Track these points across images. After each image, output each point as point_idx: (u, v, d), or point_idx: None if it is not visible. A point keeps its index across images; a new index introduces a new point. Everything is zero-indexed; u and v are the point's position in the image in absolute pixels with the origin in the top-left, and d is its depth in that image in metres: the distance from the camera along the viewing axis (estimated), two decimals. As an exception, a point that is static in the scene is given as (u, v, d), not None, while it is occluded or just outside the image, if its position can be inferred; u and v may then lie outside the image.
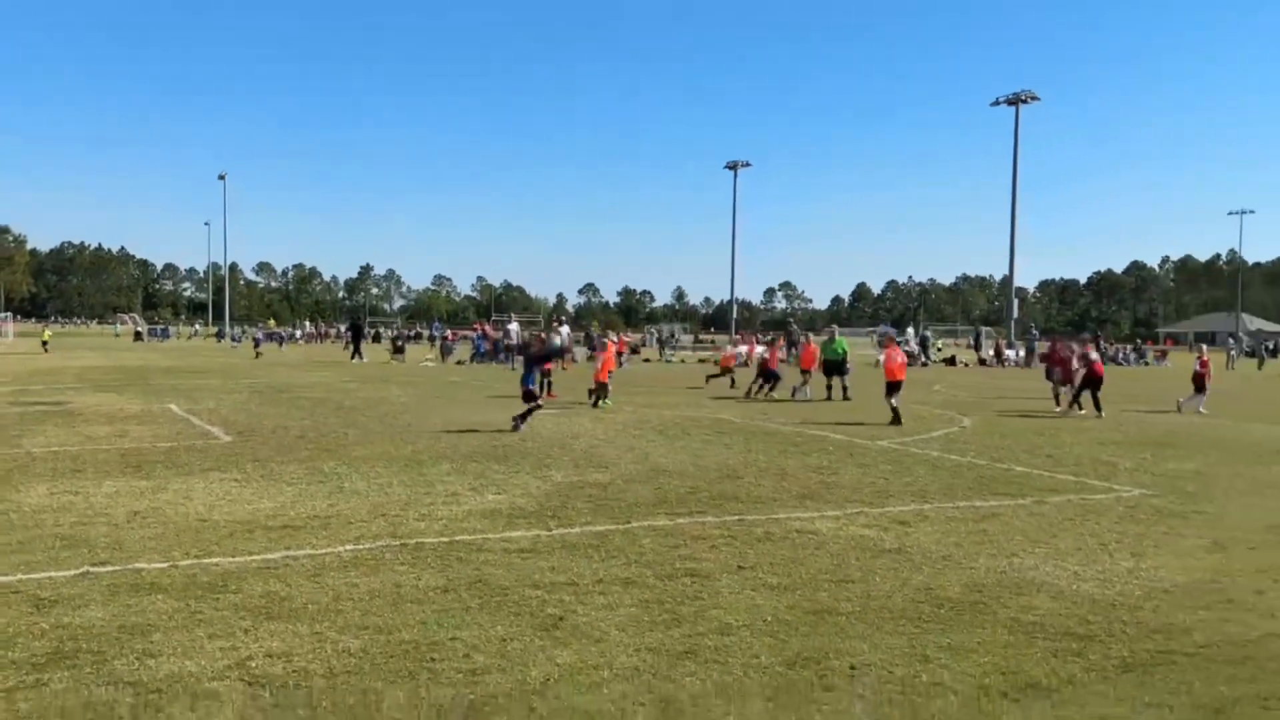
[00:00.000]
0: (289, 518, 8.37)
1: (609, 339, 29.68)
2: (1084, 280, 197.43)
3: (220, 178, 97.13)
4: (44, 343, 50.11)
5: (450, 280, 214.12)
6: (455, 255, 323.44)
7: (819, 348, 24.72)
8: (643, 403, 20.89)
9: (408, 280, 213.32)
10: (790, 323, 73.88)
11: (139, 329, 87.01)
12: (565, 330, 40.81)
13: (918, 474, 11.60)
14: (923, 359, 47.21)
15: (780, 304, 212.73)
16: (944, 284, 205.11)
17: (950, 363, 49.45)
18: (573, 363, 37.34)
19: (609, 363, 20.86)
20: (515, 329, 42.96)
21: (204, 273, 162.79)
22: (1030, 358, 48.79)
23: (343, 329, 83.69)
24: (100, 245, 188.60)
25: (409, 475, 10.78)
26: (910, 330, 73.35)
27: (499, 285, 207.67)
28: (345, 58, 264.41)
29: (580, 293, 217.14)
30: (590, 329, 55.80)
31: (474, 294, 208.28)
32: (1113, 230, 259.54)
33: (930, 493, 10.29)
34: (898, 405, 17.61)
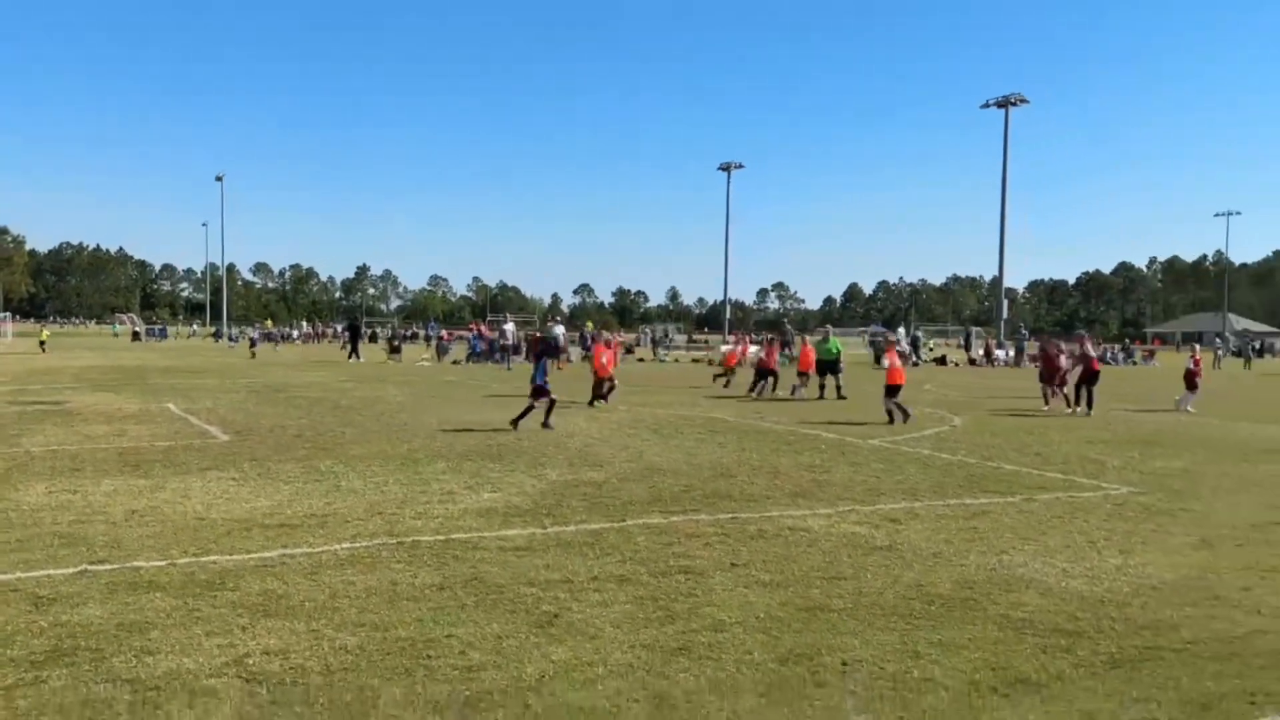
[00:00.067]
0: (286, 516, 8.39)
1: (601, 339, 29.71)
2: (1072, 281, 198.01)
3: (218, 179, 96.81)
4: (41, 342, 50.03)
5: (446, 280, 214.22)
6: (452, 256, 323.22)
7: (814, 348, 24.84)
8: (637, 402, 20.91)
9: (404, 280, 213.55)
10: (784, 322, 73.98)
11: (137, 329, 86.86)
12: (560, 329, 40.86)
13: (909, 472, 11.65)
14: (914, 359, 47.31)
15: (773, 304, 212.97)
16: (935, 284, 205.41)
17: (941, 362, 49.59)
18: (568, 362, 37.40)
19: (611, 360, 20.89)
20: (511, 329, 43.05)
21: (202, 273, 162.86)
22: (1020, 357, 49.01)
23: (339, 329, 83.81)
24: (99, 246, 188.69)
25: (405, 474, 10.81)
26: (901, 330, 73.52)
27: (495, 285, 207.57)
28: (343, 58, 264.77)
29: (575, 293, 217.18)
30: (584, 329, 55.81)
31: (470, 294, 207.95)
32: (1100, 231, 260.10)
33: (921, 491, 10.35)
34: (900, 405, 17.65)
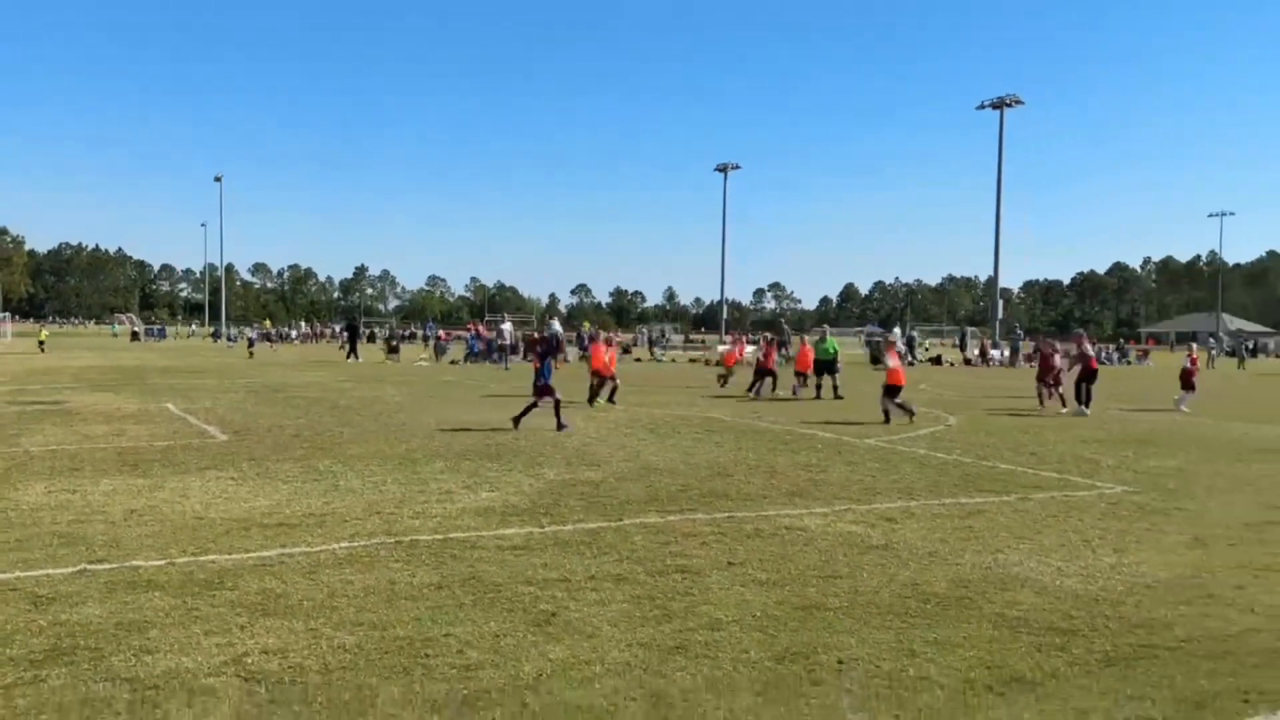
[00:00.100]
0: (284, 515, 8.41)
1: (600, 339, 29.73)
2: (1067, 281, 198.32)
3: (216, 179, 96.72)
4: (40, 342, 50.15)
5: (444, 281, 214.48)
6: (450, 256, 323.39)
7: (812, 348, 24.89)
8: (634, 401, 20.91)
9: (402, 281, 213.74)
10: (780, 322, 74.08)
11: (136, 329, 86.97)
12: (557, 326, 40.98)
13: (904, 471, 11.68)
14: (909, 359, 47.37)
15: (770, 304, 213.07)
16: (930, 284, 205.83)
17: (936, 362, 49.69)
18: (564, 362, 37.40)
19: (613, 359, 20.94)
20: (508, 329, 43.23)
21: (200, 273, 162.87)
22: (1015, 357, 49.13)
23: (337, 329, 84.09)
24: (98, 246, 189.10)
25: (403, 473, 10.83)
26: (897, 330, 73.54)
27: (492, 286, 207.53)
28: (342, 59, 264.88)
29: (573, 293, 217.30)
30: (580, 328, 55.84)
31: (468, 294, 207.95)
32: (1095, 231, 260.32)
33: (917, 490, 10.38)
34: (903, 404, 17.60)
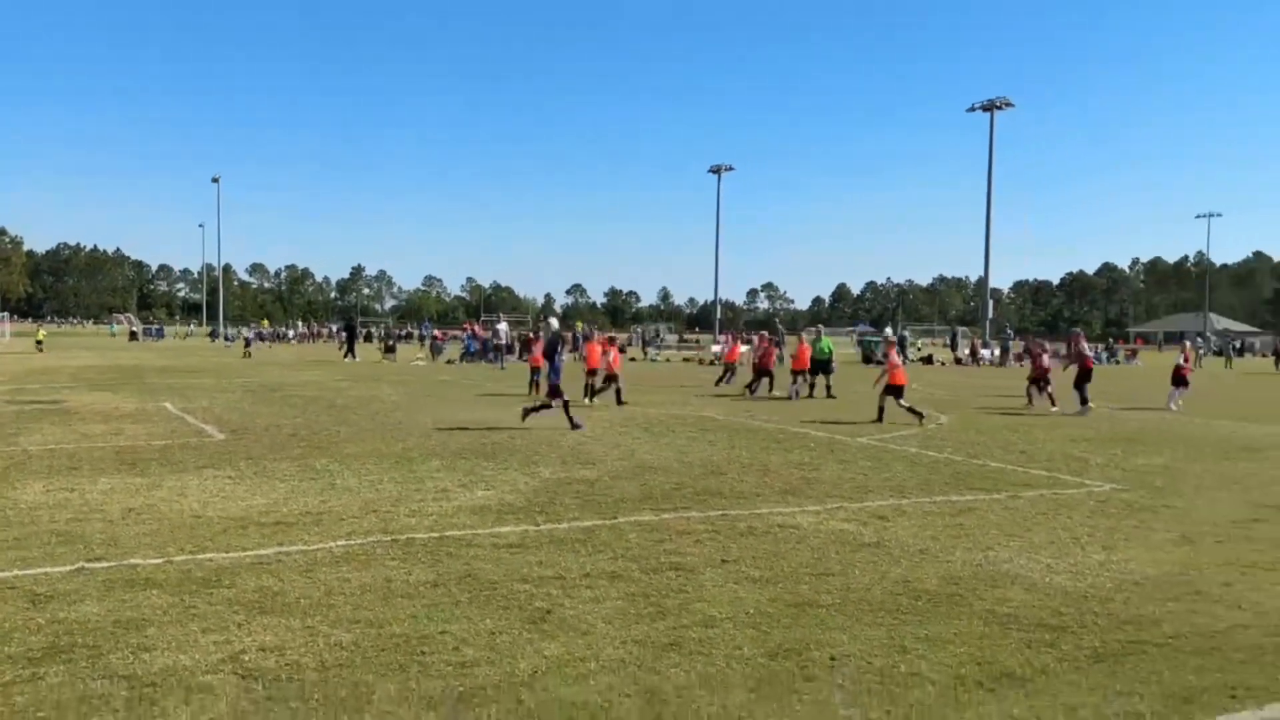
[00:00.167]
0: (282, 514, 8.44)
1: (594, 338, 29.78)
2: (1057, 281, 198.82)
3: (214, 180, 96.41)
4: (38, 342, 50.18)
5: (441, 281, 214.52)
6: (446, 256, 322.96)
7: (809, 346, 24.97)
8: (629, 400, 20.95)
9: (399, 281, 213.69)
10: (775, 322, 74.20)
11: (134, 329, 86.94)
12: (555, 324, 41.05)
13: (896, 470, 11.74)
14: (901, 358, 47.45)
15: (763, 304, 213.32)
16: (921, 285, 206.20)
17: (927, 362, 49.79)
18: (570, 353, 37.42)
19: (616, 359, 20.98)
20: (504, 329, 43.37)
21: (198, 274, 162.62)
22: (1005, 357, 49.30)
23: (334, 329, 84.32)
24: (96, 246, 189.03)
25: (400, 472, 10.86)
26: (889, 330, 73.68)
27: (488, 286, 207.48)
28: (339, 59, 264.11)
29: (568, 293, 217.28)
30: (574, 327, 55.88)
31: (464, 294, 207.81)
32: (1084, 232, 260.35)
33: (908, 488, 10.44)
34: (912, 407, 17.52)
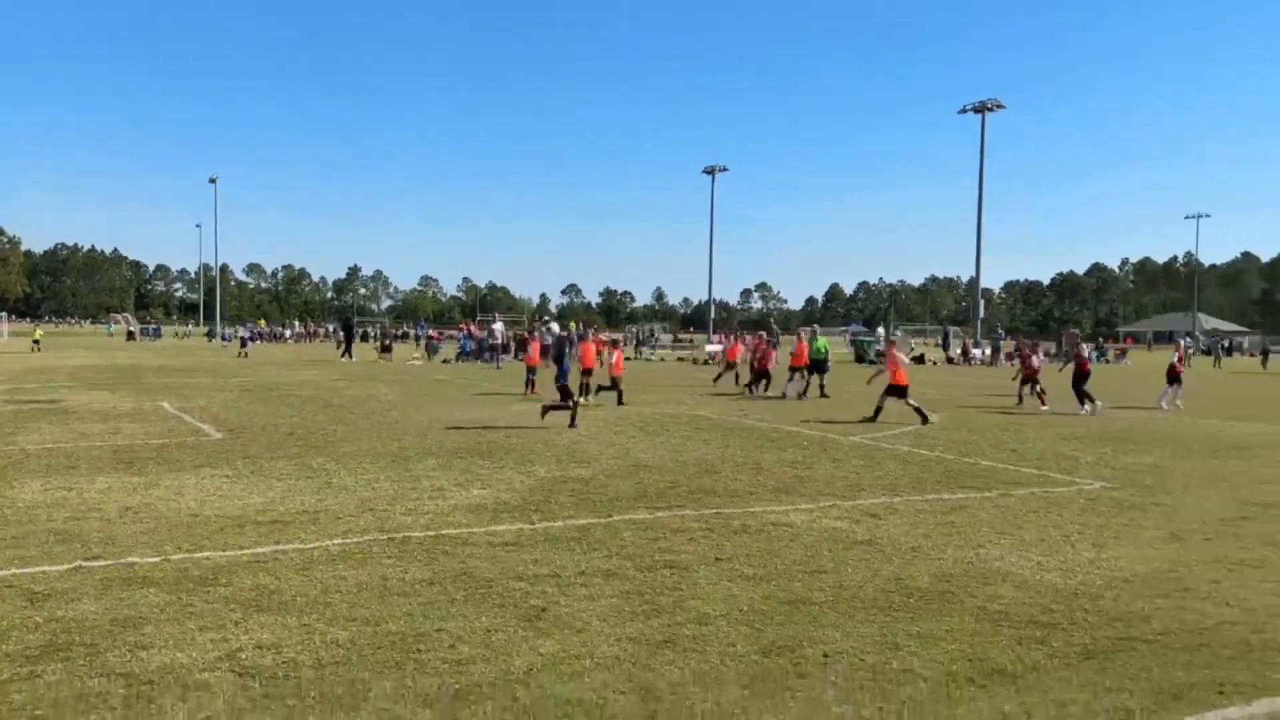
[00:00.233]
0: (278, 513, 8.46)
1: (588, 337, 29.86)
2: (1047, 281, 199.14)
3: (211, 180, 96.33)
4: (35, 342, 50.14)
5: (437, 281, 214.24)
6: (442, 256, 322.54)
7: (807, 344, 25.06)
8: (624, 400, 20.99)
9: (395, 281, 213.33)
10: (770, 322, 74.32)
11: (131, 329, 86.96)
12: (555, 327, 41.23)
13: (888, 468, 11.80)
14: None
15: (756, 304, 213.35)
16: (913, 285, 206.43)
17: (919, 361, 49.84)
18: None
19: (619, 360, 21.02)
20: (500, 329, 43.55)
21: (195, 274, 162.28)
22: (996, 356, 49.52)
23: (331, 329, 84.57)
24: (93, 246, 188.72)
25: (396, 471, 10.89)
26: (881, 330, 73.91)
27: (484, 286, 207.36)
28: (337, 60, 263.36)
29: (563, 293, 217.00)
30: (569, 328, 55.96)
31: (460, 294, 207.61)
32: (1074, 233, 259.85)
33: (900, 486, 10.49)
34: (918, 408, 17.38)
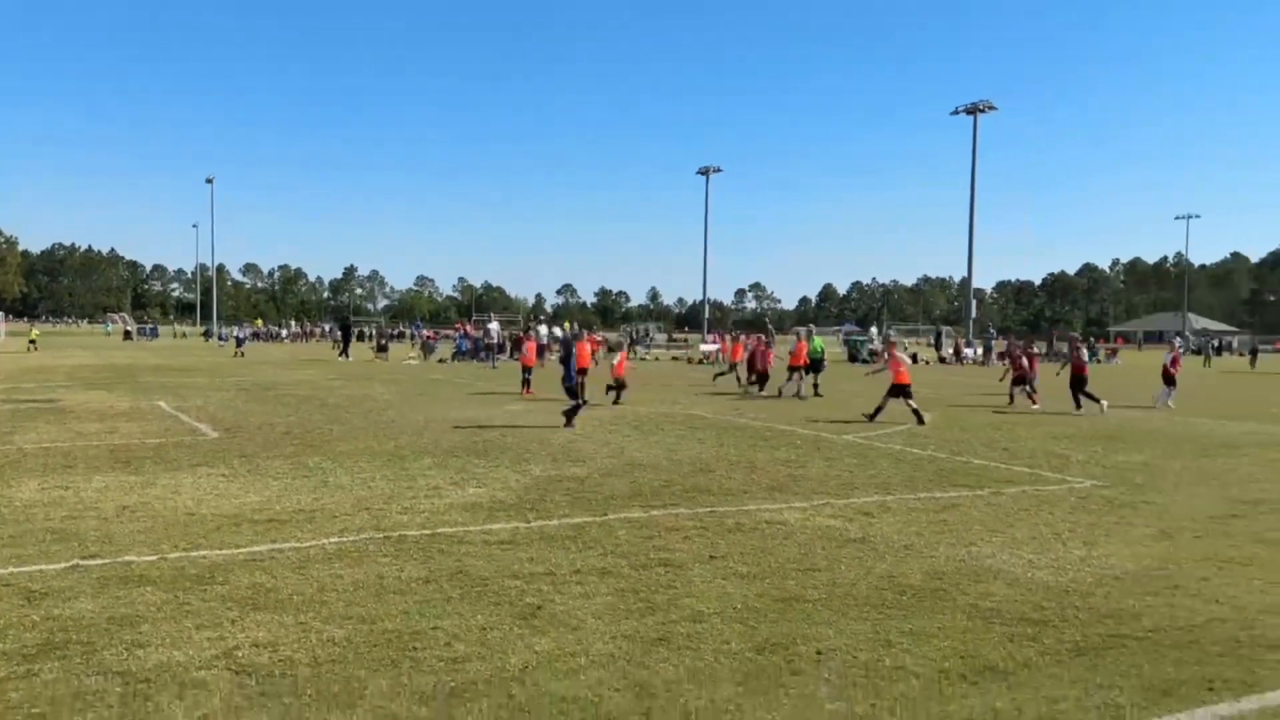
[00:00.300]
0: (275, 511, 8.48)
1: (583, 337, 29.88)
2: (1039, 281, 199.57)
3: (208, 181, 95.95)
4: (32, 342, 50.09)
5: (433, 281, 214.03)
6: (438, 256, 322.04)
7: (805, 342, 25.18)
8: (620, 400, 21.02)
9: (391, 281, 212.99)
10: (764, 321, 74.47)
11: (128, 328, 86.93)
12: (558, 330, 41.34)
13: (881, 467, 11.84)
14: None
15: (750, 304, 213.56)
16: (906, 285, 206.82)
17: (912, 360, 50.02)
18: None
19: (622, 360, 21.04)
20: (495, 328, 43.59)
21: (192, 274, 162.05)
22: (988, 356, 49.70)
23: (327, 329, 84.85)
24: (90, 246, 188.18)
25: (392, 470, 10.91)
26: (874, 330, 73.98)
27: (480, 286, 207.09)
28: (333, 61, 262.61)
29: (558, 293, 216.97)
30: (563, 327, 55.98)
31: (455, 294, 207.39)
32: (1066, 233, 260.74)
33: (893, 485, 10.53)
34: (917, 409, 17.32)
